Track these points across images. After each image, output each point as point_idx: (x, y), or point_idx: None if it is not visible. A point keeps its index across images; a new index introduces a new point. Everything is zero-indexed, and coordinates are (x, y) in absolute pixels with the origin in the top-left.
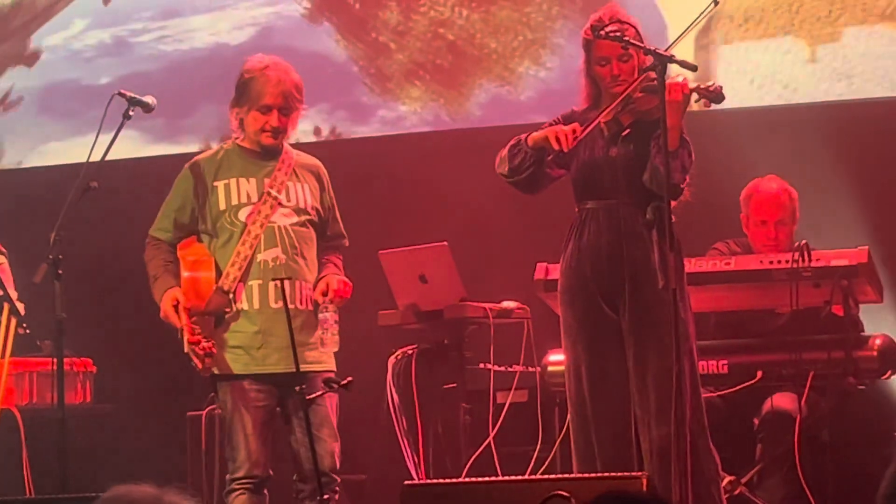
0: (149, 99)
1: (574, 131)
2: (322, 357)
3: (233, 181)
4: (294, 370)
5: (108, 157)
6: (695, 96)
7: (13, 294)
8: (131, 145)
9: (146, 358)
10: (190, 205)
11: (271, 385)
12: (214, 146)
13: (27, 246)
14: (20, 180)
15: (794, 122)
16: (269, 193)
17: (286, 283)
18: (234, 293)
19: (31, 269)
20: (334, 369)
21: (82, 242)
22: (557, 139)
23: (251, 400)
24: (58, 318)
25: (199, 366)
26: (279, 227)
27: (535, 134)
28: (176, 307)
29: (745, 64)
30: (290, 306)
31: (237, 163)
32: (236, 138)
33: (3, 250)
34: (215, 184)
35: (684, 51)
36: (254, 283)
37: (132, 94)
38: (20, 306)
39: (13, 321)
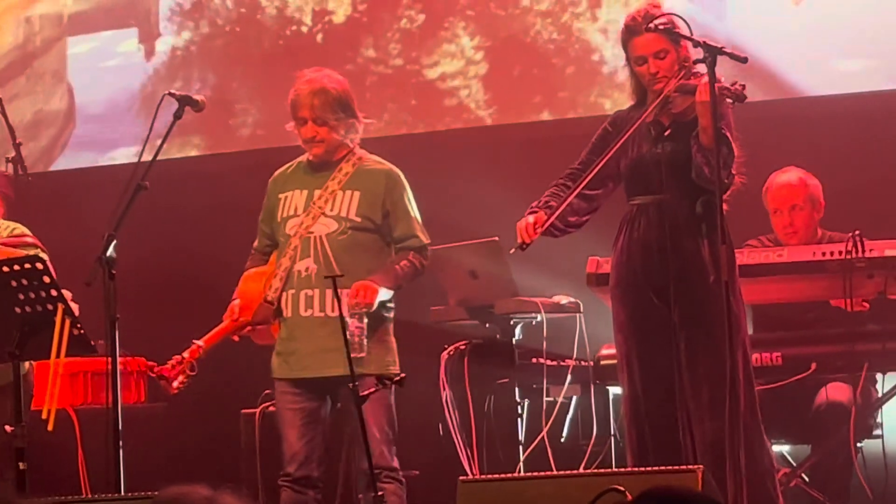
0: (198, 97)
1: (536, 222)
2: (341, 360)
3: (290, 193)
4: (321, 376)
5: (171, 157)
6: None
7: (68, 294)
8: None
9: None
10: (268, 216)
11: (306, 389)
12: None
13: (87, 246)
14: (75, 181)
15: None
16: (312, 204)
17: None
18: (278, 303)
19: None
20: (360, 372)
21: (135, 241)
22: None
23: (288, 402)
24: (111, 317)
25: None
26: (315, 237)
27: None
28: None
29: None
30: (320, 314)
31: (299, 175)
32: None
33: (43, 247)
34: (280, 196)
35: None
36: (289, 293)
37: (182, 93)
38: (74, 307)
39: (67, 322)
